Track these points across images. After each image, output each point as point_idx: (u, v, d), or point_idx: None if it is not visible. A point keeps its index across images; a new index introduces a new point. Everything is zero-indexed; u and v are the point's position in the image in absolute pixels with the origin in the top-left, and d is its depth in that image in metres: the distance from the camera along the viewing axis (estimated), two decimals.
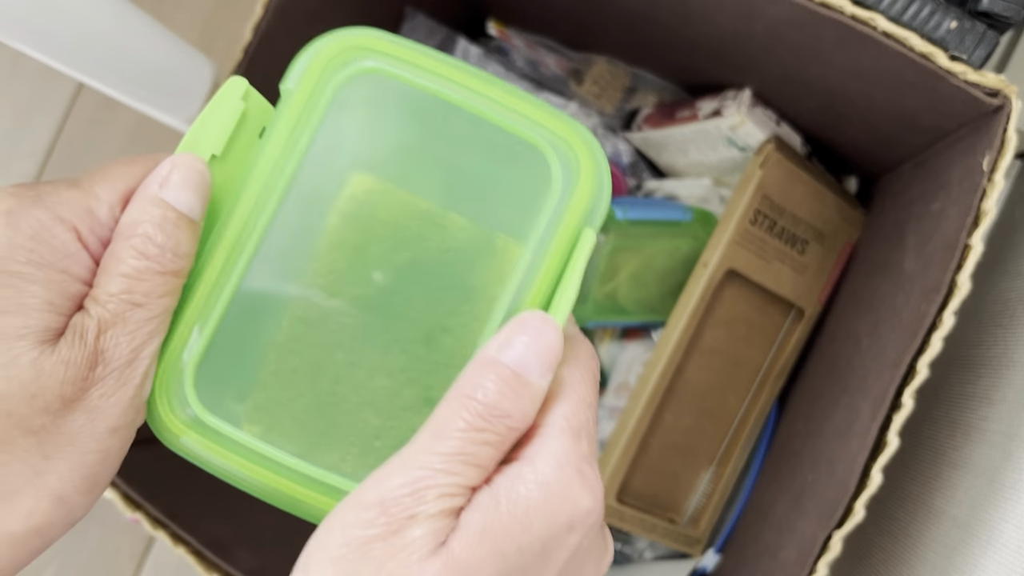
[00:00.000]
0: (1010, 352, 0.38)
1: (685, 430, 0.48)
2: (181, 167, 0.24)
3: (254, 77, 0.41)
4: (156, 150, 0.71)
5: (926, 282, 0.35)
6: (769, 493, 0.46)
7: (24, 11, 0.33)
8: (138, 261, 0.22)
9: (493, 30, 0.53)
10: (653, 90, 0.54)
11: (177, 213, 0.23)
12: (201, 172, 0.24)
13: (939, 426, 0.43)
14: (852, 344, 0.42)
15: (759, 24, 0.38)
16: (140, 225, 0.23)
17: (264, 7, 0.39)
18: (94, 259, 0.23)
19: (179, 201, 0.23)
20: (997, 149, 0.33)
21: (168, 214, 0.23)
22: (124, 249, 0.23)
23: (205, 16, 0.67)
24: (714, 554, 0.50)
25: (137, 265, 0.22)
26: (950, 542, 0.37)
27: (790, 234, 0.48)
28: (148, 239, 0.23)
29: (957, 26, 0.34)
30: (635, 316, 0.51)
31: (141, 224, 0.23)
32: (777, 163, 0.46)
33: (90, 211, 0.23)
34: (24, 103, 0.68)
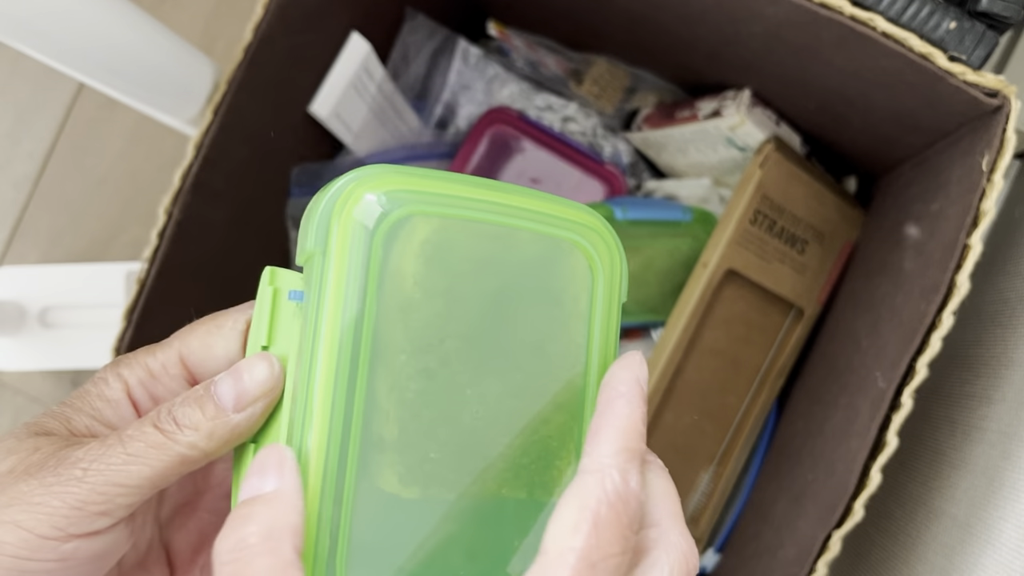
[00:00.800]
0: (1009, 352, 0.39)
1: (685, 430, 0.48)
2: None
3: (254, 77, 0.41)
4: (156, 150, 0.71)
5: (926, 282, 0.35)
6: (769, 493, 0.47)
7: (24, 11, 0.33)
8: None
9: (493, 31, 0.53)
10: (653, 90, 0.54)
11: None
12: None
13: (938, 426, 0.43)
14: (852, 344, 0.42)
15: (758, 25, 0.38)
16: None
17: (264, 7, 0.39)
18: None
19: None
20: (996, 149, 0.33)
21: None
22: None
23: (206, 16, 0.67)
24: (714, 553, 0.50)
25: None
26: (949, 541, 0.37)
27: (790, 234, 0.48)
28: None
29: (956, 26, 0.34)
30: (635, 316, 0.51)
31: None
32: (777, 163, 0.46)
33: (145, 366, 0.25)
34: (25, 103, 0.68)
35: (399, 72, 0.52)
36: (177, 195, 0.40)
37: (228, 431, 0.23)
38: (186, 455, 0.23)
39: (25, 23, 0.34)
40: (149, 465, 0.22)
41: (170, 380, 0.25)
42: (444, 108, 0.55)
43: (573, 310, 0.26)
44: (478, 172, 0.54)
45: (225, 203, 0.44)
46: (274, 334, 0.25)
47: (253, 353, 0.24)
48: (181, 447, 0.23)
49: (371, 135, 0.51)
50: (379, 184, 0.24)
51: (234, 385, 0.23)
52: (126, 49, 0.38)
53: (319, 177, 0.51)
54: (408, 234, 0.24)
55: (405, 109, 0.53)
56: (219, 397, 0.23)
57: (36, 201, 0.67)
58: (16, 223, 0.67)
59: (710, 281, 0.46)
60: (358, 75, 0.47)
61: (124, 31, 0.38)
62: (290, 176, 0.50)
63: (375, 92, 0.49)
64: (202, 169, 0.40)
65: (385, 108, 0.51)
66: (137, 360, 0.25)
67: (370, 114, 0.50)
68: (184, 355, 0.25)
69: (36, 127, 0.67)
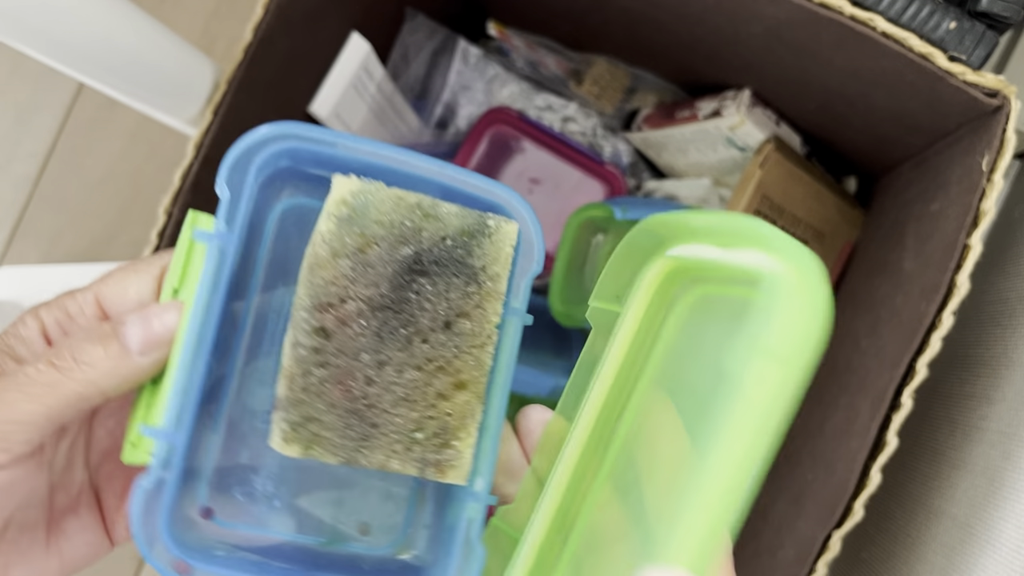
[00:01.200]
0: (1009, 352, 0.39)
1: None
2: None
3: (254, 77, 0.41)
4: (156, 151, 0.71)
5: (925, 282, 0.35)
6: (768, 492, 0.46)
7: (24, 11, 0.33)
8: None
9: (493, 31, 0.53)
10: (653, 90, 0.54)
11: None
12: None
13: (938, 426, 0.43)
14: (852, 344, 0.42)
15: (758, 25, 0.38)
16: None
17: (264, 7, 0.39)
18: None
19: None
20: (996, 149, 0.33)
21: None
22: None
23: (206, 16, 0.67)
24: None
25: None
26: (949, 541, 0.37)
27: (790, 234, 0.48)
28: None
29: (956, 26, 0.34)
30: None
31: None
32: (776, 163, 0.46)
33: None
34: (25, 103, 0.68)
35: (399, 72, 0.52)
36: (177, 195, 0.40)
37: (131, 371, 0.23)
38: (82, 392, 0.23)
39: (25, 23, 0.34)
40: (42, 402, 0.23)
41: (85, 320, 0.26)
42: (444, 108, 0.55)
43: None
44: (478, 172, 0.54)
45: None
46: (186, 276, 0.25)
47: (165, 295, 0.25)
48: (76, 384, 0.23)
49: (371, 135, 0.51)
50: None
51: (143, 327, 0.24)
52: (126, 49, 0.38)
53: None
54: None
55: (405, 109, 0.53)
56: (126, 338, 0.23)
57: (36, 201, 0.67)
58: (16, 223, 0.67)
59: None
60: (358, 75, 0.47)
61: (124, 31, 0.38)
62: None
63: (375, 92, 0.49)
64: (202, 169, 0.40)
65: (385, 108, 0.51)
66: (56, 302, 0.26)
67: (370, 114, 0.50)
68: (100, 297, 0.26)
69: (36, 127, 0.67)
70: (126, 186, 0.66)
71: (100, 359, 0.23)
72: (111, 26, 0.37)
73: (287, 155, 0.25)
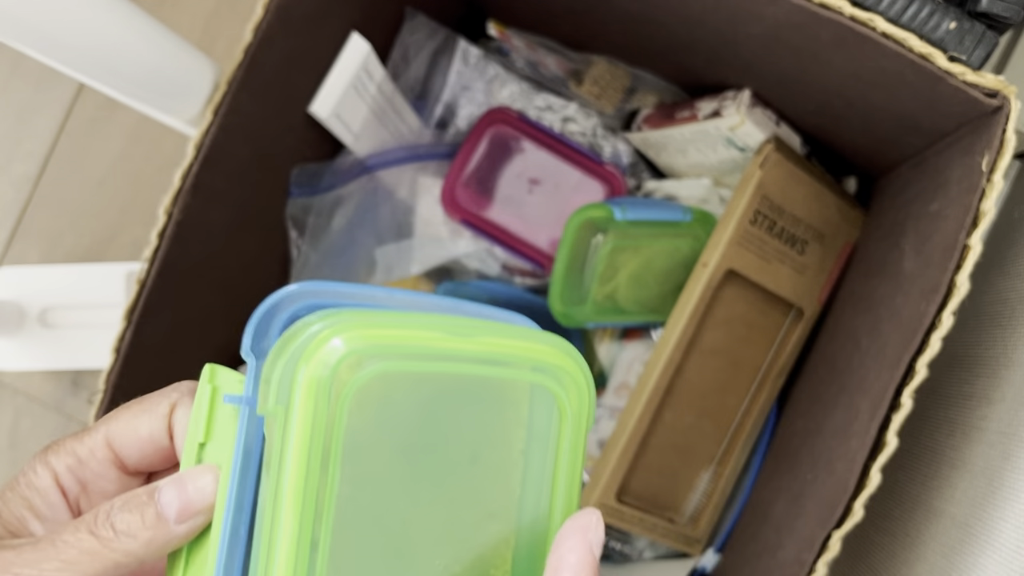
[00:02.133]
0: (1009, 352, 0.39)
1: (685, 430, 0.48)
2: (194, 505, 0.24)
3: (255, 77, 0.41)
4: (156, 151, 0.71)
5: (925, 282, 0.35)
6: (768, 493, 0.47)
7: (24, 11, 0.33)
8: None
9: (493, 31, 0.53)
10: (653, 90, 0.54)
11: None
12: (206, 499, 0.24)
13: (938, 426, 0.43)
14: (851, 344, 0.42)
15: (758, 25, 0.39)
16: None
17: (264, 8, 0.39)
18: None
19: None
20: (996, 149, 0.33)
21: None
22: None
23: (206, 16, 0.67)
24: (713, 554, 0.50)
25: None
26: (949, 541, 0.37)
27: (790, 234, 0.48)
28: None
29: (956, 27, 0.34)
30: (635, 316, 0.51)
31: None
32: (776, 163, 0.46)
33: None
34: (25, 103, 0.68)
35: (399, 72, 0.52)
36: (177, 195, 0.40)
37: (168, 540, 0.23)
38: (120, 561, 0.23)
39: (25, 23, 0.34)
40: (82, 572, 0.22)
41: (97, 464, 0.25)
42: (444, 108, 0.55)
43: (516, 439, 0.26)
44: (478, 172, 0.54)
45: (225, 203, 0.44)
46: (211, 432, 0.24)
47: (190, 451, 0.24)
48: (117, 555, 0.23)
49: (371, 135, 0.51)
50: (342, 338, 0.22)
51: (179, 495, 0.23)
52: (126, 49, 0.38)
53: (319, 178, 0.51)
54: (369, 389, 0.23)
55: (405, 109, 0.53)
56: (163, 506, 0.23)
57: (36, 201, 0.67)
58: (16, 223, 0.67)
59: (710, 281, 0.46)
60: (358, 75, 0.47)
61: (124, 31, 0.38)
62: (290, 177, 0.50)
63: (375, 92, 0.49)
64: (202, 169, 0.40)
65: (385, 108, 0.51)
66: (64, 447, 0.25)
67: (370, 114, 0.50)
68: (111, 439, 0.25)
69: (36, 127, 0.67)
70: (126, 186, 0.66)
71: (139, 529, 0.23)
72: (111, 26, 0.37)
73: (307, 309, 0.25)
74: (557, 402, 0.26)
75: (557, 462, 0.26)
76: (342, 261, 0.52)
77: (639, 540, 0.53)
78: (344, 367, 0.22)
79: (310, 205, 0.51)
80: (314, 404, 0.22)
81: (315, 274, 0.52)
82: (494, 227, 0.54)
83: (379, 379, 0.23)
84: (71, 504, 0.26)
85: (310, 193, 0.51)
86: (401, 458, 0.24)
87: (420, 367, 0.24)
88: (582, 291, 0.50)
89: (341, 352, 0.22)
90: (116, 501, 0.24)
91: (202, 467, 0.24)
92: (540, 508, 0.26)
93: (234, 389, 0.25)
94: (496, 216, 0.54)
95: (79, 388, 0.64)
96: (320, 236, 0.52)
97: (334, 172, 0.51)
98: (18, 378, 0.64)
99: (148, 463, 0.26)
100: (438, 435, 0.25)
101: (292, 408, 0.22)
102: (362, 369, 0.23)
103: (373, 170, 0.52)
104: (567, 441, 0.26)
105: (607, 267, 0.49)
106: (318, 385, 0.22)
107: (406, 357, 0.23)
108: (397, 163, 0.53)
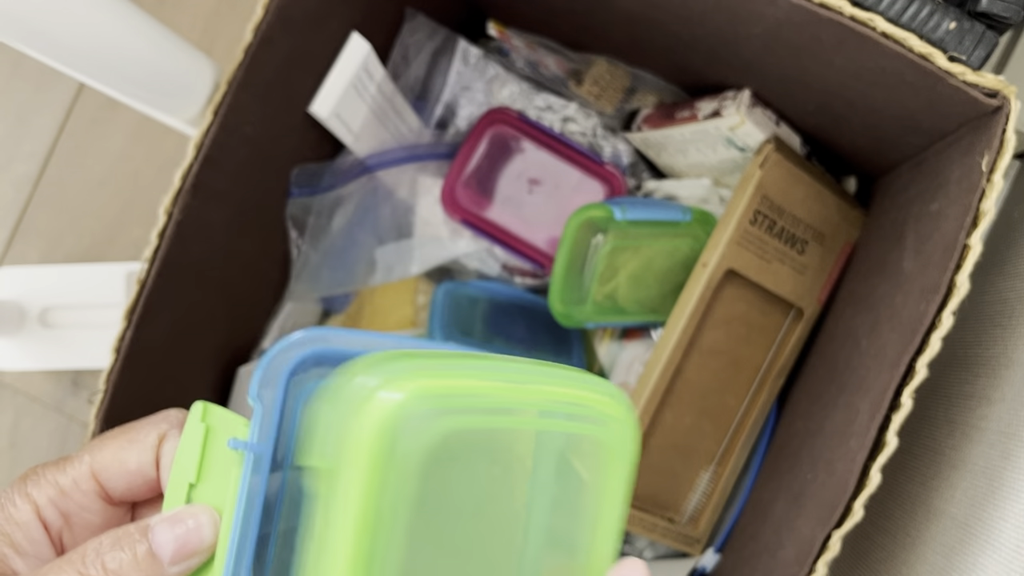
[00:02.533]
0: (1009, 352, 0.39)
1: (685, 430, 0.48)
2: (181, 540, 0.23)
3: (255, 77, 0.41)
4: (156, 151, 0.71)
5: (925, 282, 0.35)
6: (768, 492, 0.47)
7: (25, 11, 0.33)
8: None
9: (493, 31, 0.53)
10: (653, 90, 0.54)
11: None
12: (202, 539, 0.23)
13: (938, 426, 0.43)
14: (851, 344, 0.42)
15: (758, 25, 0.39)
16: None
17: (264, 8, 0.39)
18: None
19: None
20: (996, 149, 0.33)
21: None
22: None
23: (206, 16, 0.67)
24: (713, 553, 0.50)
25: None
26: (949, 541, 0.37)
27: (789, 234, 0.48)
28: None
29: (956, 27, 0.34)
30: (635, 316, 0.51)
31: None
32: (776, 163, 0.46)
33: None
34: (25, 103, 0.68)
35: (399, 72, 0.52)
36: (177, 195, 0.40)
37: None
38: None
39: (26, 23, 0.34)
40: None
41: (82, 496, 0.25)
42: (444, 108, 0.55)
43: (593, 503, 0.25)
44: (478, 172, 0.54)
45: (225, 203, 0.44)
46: (203, 473, 0.23)
47: (177, 486, 0.23)
48: None
49: (371, 135, 0.51)
50: (398, 389, 0.20)
51: (174, 536, 0.22)
52: (126, 49, 0.38)
53: (319, 178, 0.51)
54: (434, 450, 0.21)
55: (405, 109, 0.53)
56: (157, 545, 0.22)
57: (36, 201, 0.67)
58: (16, 223, 0.67)
59: (710, 281, 0.46)
60: (358, 75, 0.47)
61: (124, 31, 0.38)
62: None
63: (375, 92, 0.49)
64: (202, 169, 0.40)
65: (385, 108, 0.51)
66: (45, 477, 0.24)
67: (370, 114, 0.50)
68: (96, 470, 0.24)
69: (37, 127, 0.67)
70: (126, 186, 0.66)
71: (131, 570, 0.22)
72: (111, 26, 0.37)
73: (314, 357, 0.24)
74: (609, 452, 0.24)
75: (600, 509, 0.25)
76: (342, 261, 0.52)
77: (639, 540, 0.53)
78: (409, 424, 0.20)
79: (310, 205, 0.51)
80: (376, 464, 0.20)
81: (315, 274, 0.52)
82: (494, 227, 0.54)
83: (444, 437, 0.21)
84: (53, 538, 0.25)
85: (310, 193, 0.51)
86: (449, 522, 0.23)
87: (484, 422, 0.22)
88: (582, 291, 0.50)
89: (405, 407, 0.20)
90: (105, 539, 0.23)
91: (197, 507, 0.23)
92: (576, 561, 0.25)
93: (235, 432, 0.23)
94: (496, 216, 0.54)
95: (79, 388, 0.64)
96: (320, 236, 0.52)
97: (334, 172, 0.51)
98: (18, 378, 0.64)
99: (134, 494, 0.25)
100: (475, 495, 0.23)
101: (346, 466, 0.20)
102: (428, 426, 0.20)
103: (373, 170, 0.52)
104: (618, 493, 0.25)
105: (607, 267, 0.49)
106: (380, 443, 0.20)
107: (470, 412, 0.21)
108: (397, 163, 0.53)
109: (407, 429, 0.20)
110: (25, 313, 0.61)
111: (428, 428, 0.20)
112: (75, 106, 0.67)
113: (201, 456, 0.24)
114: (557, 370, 0.24)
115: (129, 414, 0.40)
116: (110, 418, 0.39)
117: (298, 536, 0.22)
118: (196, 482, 0.23)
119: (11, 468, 0.64)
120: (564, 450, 0.24)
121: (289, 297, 0.53)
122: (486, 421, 0.22)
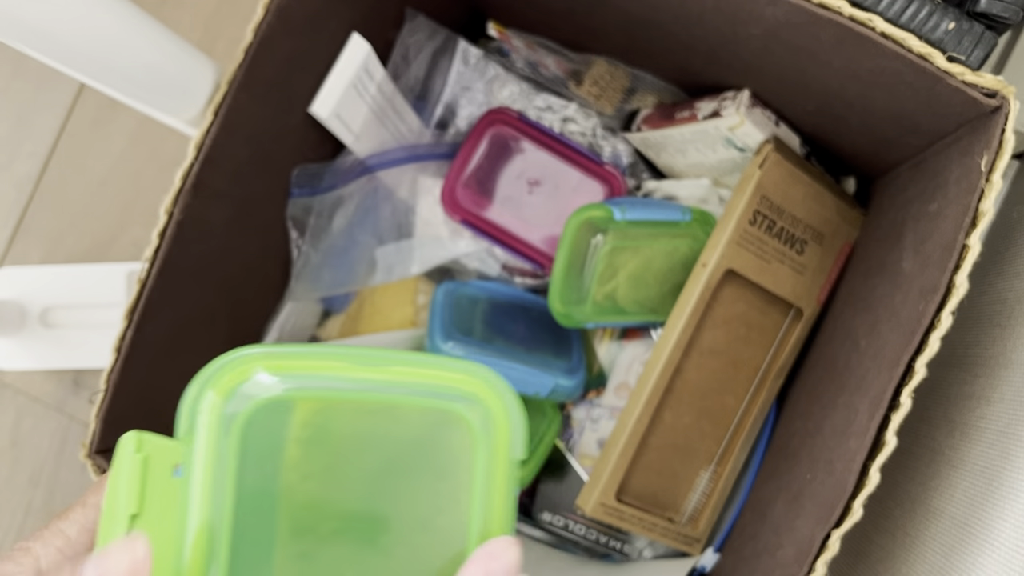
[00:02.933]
0: (1008, 352, 0.39)
1: (684, 430, 0.48)
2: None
3: (255, 77, 0.41)
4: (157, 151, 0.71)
5: (924, 282, 0.35)
6: (768, 492, 0.47)
7: (25, 11, 0.33)
8: None
9: (493, 31, 0.53)
10: (652, 91, 0.54)
11: None
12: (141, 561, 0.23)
13: (937, 425, 0.43)
14: (851, 344, 0.42)
15: (757, 26, 0.39)
16: None
17: (265, 8, 0.40)
18: None
19: None
20: (995, 149, 0.33)
21: None
22: None
23: (206, 17, 0.67)
24: (713, 553, 0.50)
25: None
26: (948, 541, 0.37)
27: (789, 234, 0.48)
28: None
29: (955, 27, 0.34)
30: (634, 316, 0.51)
31: None
32: (776, 164, 0.46)
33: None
34: (26, 103, 0.68)
35: (399, 73, 0.52)
36: (178, 195, 0.40)
37: None
38: None
39: (26, 24, 0.34)
40: None
41: (89, 538, 0.25)
42: (444, 109, 0.55)
43: (462, 481, 0.26)
44: (478, 172, 0.54)
45: (226, 203, 0.44)
46: (145, 503, 0.24)
47: (113, 521, 0.23)
48: None
49: (372, 136, 0.51)
50: (249, 369, 0.24)
51: (103, 571, 0.22)
52: (127, 50, 0.38)
53: (319, 178, 0.51)
54: (282, 418, 0.24)
55: (405, 110, 0.53)
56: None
57: (37, 201, 0.67)
58: (17, 223, 0.67)
59: (709, 281, 0.46)
60: (358, 76, 0.47)
61: (125, 31, 0.38)
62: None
63: (375, 93, 0.49)
64: (203, 169, 0.40)
65: (385, 109, 0.51)
66: (50, 529, 0.25)
67: (370, 115, 0.50)
68: (93, 519, 0.25)
69: (37, 128, 0.68)
70: (127, 186, 0.66)
71: None
72: (112, 27, 0.37)
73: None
74: (468, 428, 0.25)
75: (472, 489, 0.25)
76: (342, 261, 0.53)
77: (639, 540, 0.53)
78: (249, 392, 0.23)
79: (310, 205, 0.51)
80: (215, 429, 0.23)
81: (316, 274, 0.52)
82: (494, 227, 0.54)
83: (292, 405, 0.24)
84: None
85: (310, 193, 0.51)
86: (317, 484, 0.24)
87: (334, 395, 0.24)
88: (582, 291, 0.50)
89: (248, 378, 0.23)
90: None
91: (125, 540, 0.23)
92: (455, 534, 0.25)
93: (174, 459, 0.24)
94: (496, 216, 0.54)
95: (80, 388, 0.64)
96: (320, 236, 0.52)
97: (334, 172, 0.51)
98: (19, 378, 0.64)
99: None
100: (353, 464, 0.25)
101: (196, 435, 0.23)
102: (270, 392, 0.24)
103: (373, 170, 0.52)
104: (480, 467, 0.25)
105: (607, 267, 0.49)
106: (220, 413, 0.23)
107: (318, 384, 0.24)
108: (397, 163, 0.53)
109: (237, 395, 0.23)
110: (26, 313, 0.61)
111: (260, 395, 0.24)
112: (76, 106, 0.67)
113: (142, 486, 0.24)
114: (423, 356, 0.26)
115: (129, 414, 0.40)
116: (110, 418, 0.39)
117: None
118: (139, 511, 0.24)
119: (12, 468, 0.65)
120: (434, 431, 0.26)
121: (289, 297, 0.53)
122: (333, 395, 0.24)
